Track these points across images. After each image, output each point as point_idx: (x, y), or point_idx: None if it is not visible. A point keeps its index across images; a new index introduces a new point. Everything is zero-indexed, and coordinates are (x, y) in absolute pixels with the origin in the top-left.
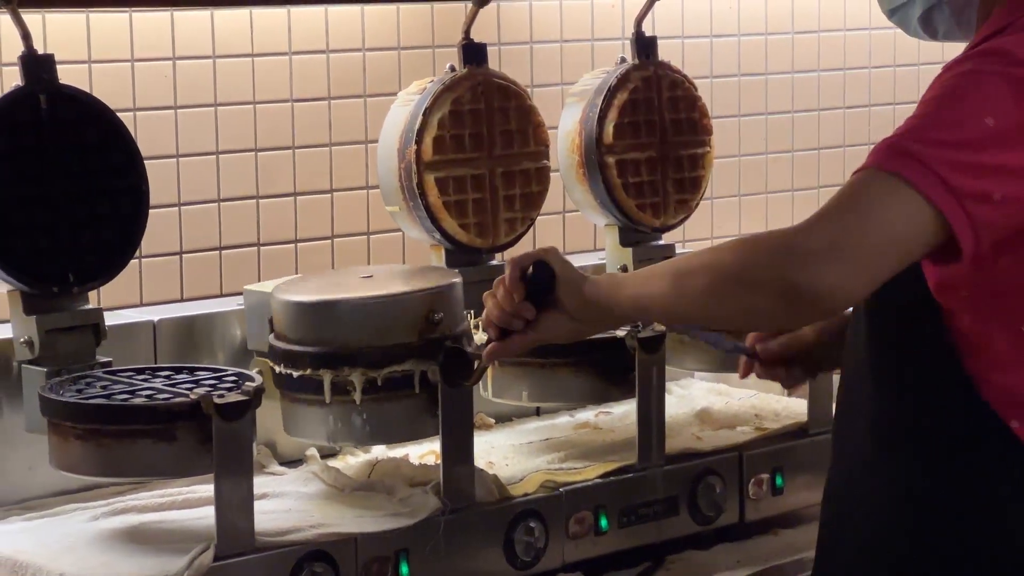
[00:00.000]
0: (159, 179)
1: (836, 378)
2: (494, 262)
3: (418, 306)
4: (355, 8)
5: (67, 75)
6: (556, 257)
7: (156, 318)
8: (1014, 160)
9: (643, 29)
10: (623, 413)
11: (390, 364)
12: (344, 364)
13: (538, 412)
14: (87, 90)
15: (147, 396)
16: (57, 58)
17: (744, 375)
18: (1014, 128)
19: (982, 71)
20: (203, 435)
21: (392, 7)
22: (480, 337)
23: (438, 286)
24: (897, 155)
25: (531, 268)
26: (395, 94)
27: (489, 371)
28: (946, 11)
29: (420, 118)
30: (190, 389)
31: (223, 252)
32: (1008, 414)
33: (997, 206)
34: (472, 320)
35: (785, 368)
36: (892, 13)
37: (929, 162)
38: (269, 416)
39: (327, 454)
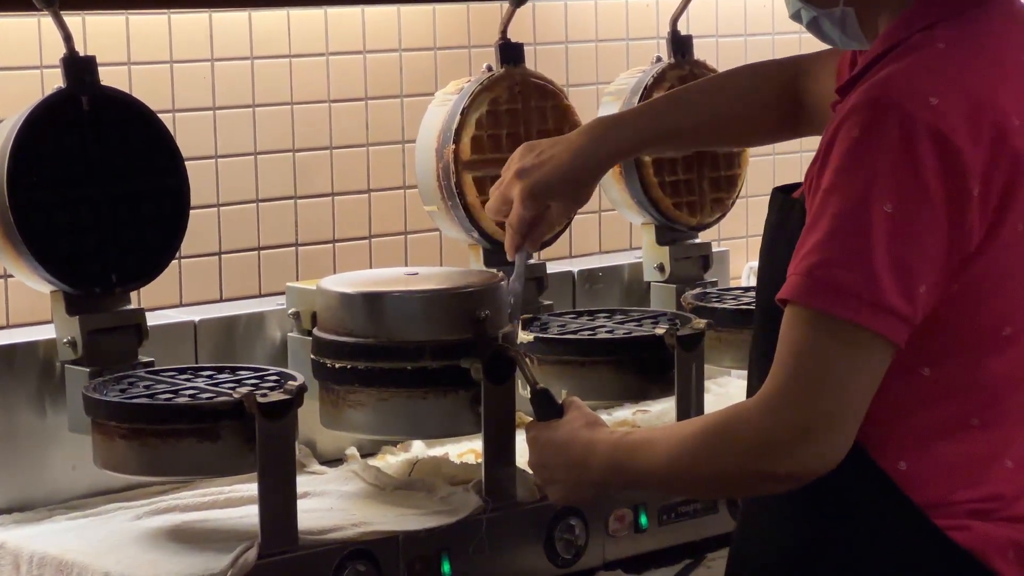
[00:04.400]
0: (198, 180)
1: None
2: (532, 261)
3: (465, 303)
4: (391, 9)
5: (107, 76)
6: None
7: (197, 318)
8: (920, 245)
9: (678, 28)
10: (661, 411)
11: (437, 358)
12: (391, 357)
13: None
14: (127, 91)
15: (190, 396)
16: (97, 60)
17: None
18: (912, 203)
19: (870, 140)
20: (246, 434)
21: (428, 7)
22: (524, 337)
23: (485, 284)
24: (826, 291)
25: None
26: (432, 94)
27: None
28: (826, 23)
29: (458, 118)
30: (233, 388)
31: (262, 252)
32: (894, 455)
33: (924, 296)
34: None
35: None
36: (794, 20)
37: (857, 289)
38: (309, 415)
39: (367, 453)
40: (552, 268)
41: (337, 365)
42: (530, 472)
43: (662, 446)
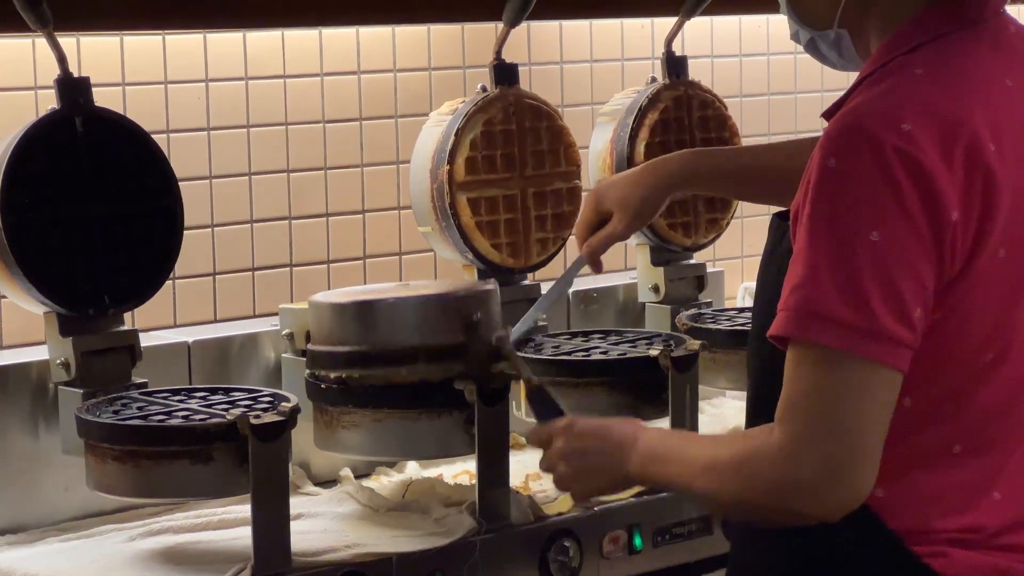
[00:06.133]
0: (192, 200)
1: None
2: (526, 282)
3: (458, 307)
4: (386, 29)
5: (101, 97)
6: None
7: (191, 339)
8: (910, 270)
9: (673, 49)
10: None
11: (431, 361)
12: (385, 363)
13: None
14: (121, 112)
15: (183, 417)
16: (91, 81)
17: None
18: (897, 230)
19: (846, 169)
20: (239, 456)
21: (423, 28)
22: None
23: (477, 289)
24: (823, 326)
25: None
26: (427, 114)
27: (522, 390)
28: (823, 45)
29: (452, 138)
30: (226, 410)
31: (256, 273)
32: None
33: (920, 320)
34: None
35: None
36: (794, 40)
37: (853, 320)
38: (303, 436)
39: (361, 474)
40: (547, 289)
41: (332, 375)
42: (524, 494)
43: (696, 463)
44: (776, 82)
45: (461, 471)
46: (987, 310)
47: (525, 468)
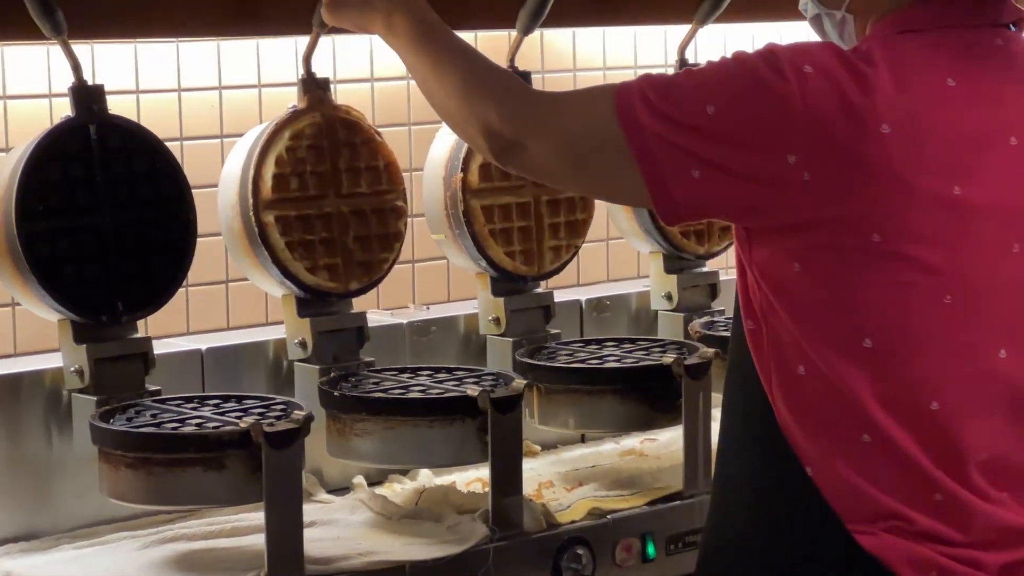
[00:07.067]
0: (205, 208)
1: None
2: (539, 290)
3: None
4: None
5: (115, 105)
6: None
7: (204, 347)
8: (712, 153)
9: (686, 56)
10: (669, 440)
11: None
12: None
13: (583, 439)
14: (135, 120)
15: (197, 425)
16: (105, 88)
17: None
18: (724, 125)
19: (747, 63)
20: (253, 464)
21: None
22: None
23: None
24: (635, 120)
25: None
26: (440, 122)
27: (535, 398)
28: (828, 23)
29: (466, 146)
30: (239, 418)
31: None
32: (805, 458)
33: (695, 184)
34: None
35: None
36: (802, 11)
37: (649, 137)
38: (316, 443)
39: (374, 482)
40: (560, 297)
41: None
42: (537, 502)
43: (463, 52)
44: None
45: (474, 479)
46: (847, 290)
47: (538, 476)
